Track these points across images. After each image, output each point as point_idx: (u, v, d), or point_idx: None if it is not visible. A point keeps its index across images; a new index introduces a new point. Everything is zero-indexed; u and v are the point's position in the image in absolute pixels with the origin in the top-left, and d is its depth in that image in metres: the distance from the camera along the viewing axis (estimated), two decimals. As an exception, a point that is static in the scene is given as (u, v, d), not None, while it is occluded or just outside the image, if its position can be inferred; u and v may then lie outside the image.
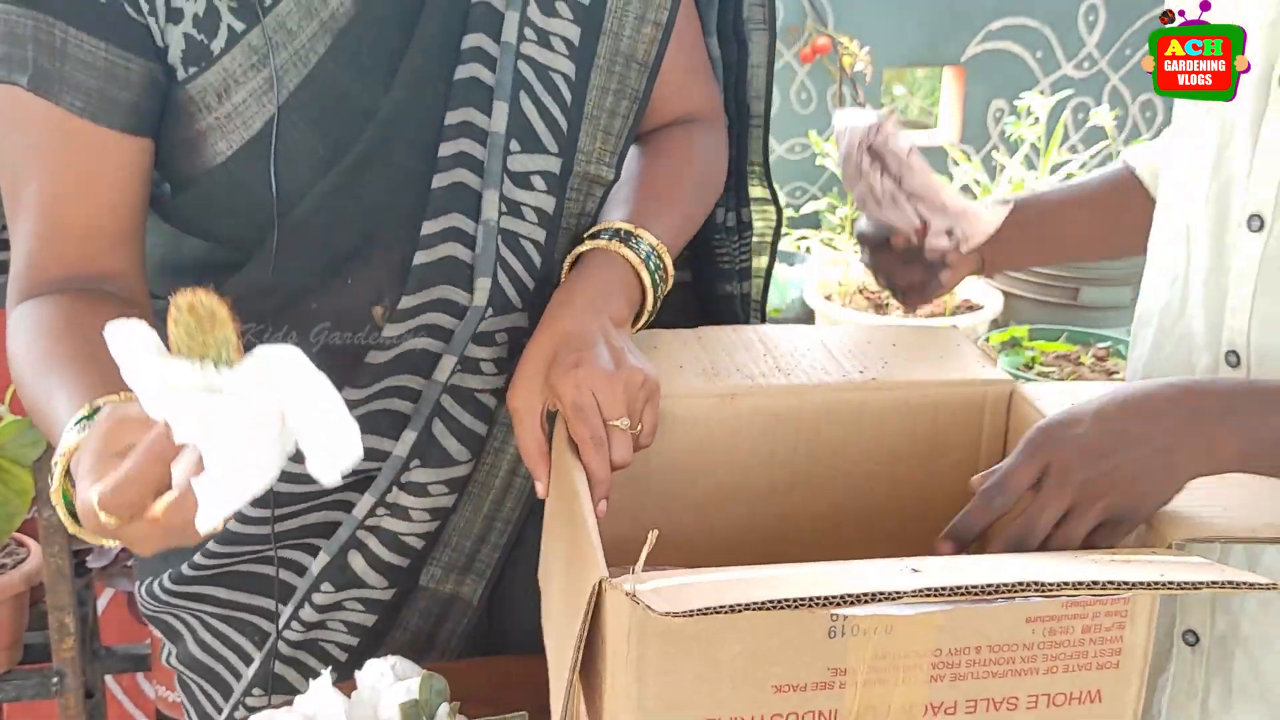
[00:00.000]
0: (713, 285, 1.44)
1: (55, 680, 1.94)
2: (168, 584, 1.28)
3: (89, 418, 0.90)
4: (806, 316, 3.78)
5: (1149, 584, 0.81)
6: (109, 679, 2.28)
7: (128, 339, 0.75)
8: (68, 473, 0.89)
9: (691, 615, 0.73)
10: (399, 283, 1.16)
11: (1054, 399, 1.09)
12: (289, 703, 1.07)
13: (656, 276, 1.17)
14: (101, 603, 2.20)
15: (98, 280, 1.11)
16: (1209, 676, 1.18)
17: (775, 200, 1.44)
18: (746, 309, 1.45)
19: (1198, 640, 1.18)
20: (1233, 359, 1.14)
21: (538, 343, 1.08)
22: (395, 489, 1.21)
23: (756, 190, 1.44)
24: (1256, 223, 1.10)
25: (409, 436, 1.19)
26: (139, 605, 1.33)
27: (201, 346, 0.75)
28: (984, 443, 1.16)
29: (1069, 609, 0.87)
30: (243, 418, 0.72)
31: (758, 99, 1.40)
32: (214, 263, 1.19)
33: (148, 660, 2.15)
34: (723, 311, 1.44)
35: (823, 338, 1.23)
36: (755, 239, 1.45)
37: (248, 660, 1.30)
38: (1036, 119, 4.33)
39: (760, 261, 1.46)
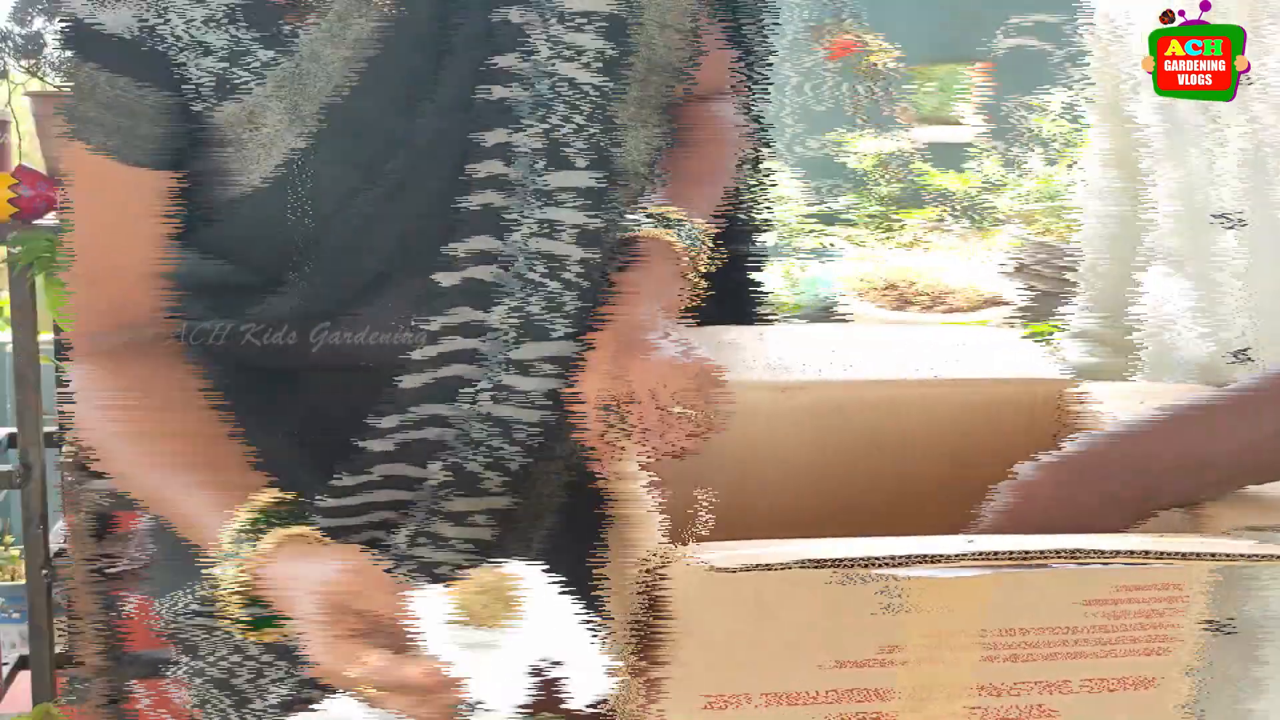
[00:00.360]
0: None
1: None
2: (195, 605, 1.23)
3: (253, 529, 1.00)
4: (831, 312, 3.77)
5: (1199, 555, 0.82)
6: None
7: (427, 610, 0.90)
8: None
9: (746, 570, 0.75)
10: (424, 306, 1.15)
11: (1112, 397, 1.10)
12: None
13: (703, 259, 1.18)
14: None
15: (140, 326, 1.13)
16: (1244, 664, 1.17)
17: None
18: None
19: (1227, 626, 1.16)
20: (1243, 356, 1.15)
21: (603, 334, 1.10)
22: (434, 519, 1.18)
23: None
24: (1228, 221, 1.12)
25: (436, 466, 1.17)
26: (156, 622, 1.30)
27: (491, 619, 0.89)
28: (1041, 441, 1.15)
29: (1123, 593, 0.87)
30: (515, 677, 0.88)
31: None
32: (235, 284, 1.19)
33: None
34: (734, 269, 1.44)
35: (887, 336, 1.26)
36: None
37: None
38: (1059, 115, 4.32)
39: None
